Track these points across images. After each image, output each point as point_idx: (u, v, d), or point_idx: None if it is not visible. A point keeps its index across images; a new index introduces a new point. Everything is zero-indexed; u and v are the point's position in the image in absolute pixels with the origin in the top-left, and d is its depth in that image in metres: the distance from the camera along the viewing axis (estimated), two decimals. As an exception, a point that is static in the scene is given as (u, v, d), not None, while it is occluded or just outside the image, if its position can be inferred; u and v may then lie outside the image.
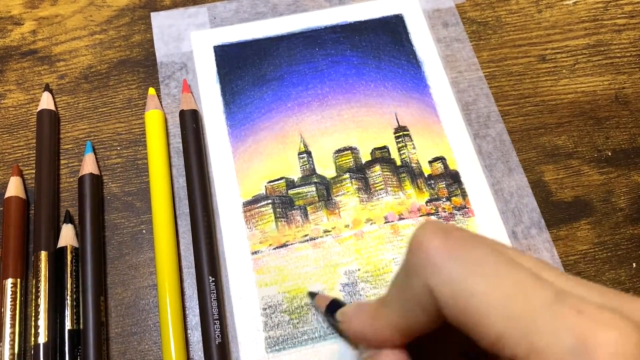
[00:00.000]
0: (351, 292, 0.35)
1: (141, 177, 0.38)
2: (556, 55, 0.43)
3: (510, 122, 0.41)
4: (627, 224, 0.37)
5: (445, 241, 0.19)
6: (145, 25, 0.44)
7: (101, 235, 0.36)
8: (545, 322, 0.17)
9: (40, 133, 0.38)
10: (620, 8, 0.45)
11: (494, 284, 0.18)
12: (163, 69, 0.42)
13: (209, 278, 0.34)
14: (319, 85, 0.41)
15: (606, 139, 0.40)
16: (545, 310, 0.17)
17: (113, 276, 0.35)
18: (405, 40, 0.43)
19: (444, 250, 0.19)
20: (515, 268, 0.18)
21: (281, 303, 0.34)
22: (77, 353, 0.32)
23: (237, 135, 0.39)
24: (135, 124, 0.40)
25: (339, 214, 0.37)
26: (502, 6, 0.45)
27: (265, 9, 0.45)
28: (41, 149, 0.38)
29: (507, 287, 0.18)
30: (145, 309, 0.35)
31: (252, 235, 0.36)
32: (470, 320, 0.18)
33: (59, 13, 0.45)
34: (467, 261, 0.18)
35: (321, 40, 0.43)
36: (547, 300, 0.17)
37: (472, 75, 0.42)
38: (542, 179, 0.39)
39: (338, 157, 0.39)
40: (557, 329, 0.16)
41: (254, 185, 0.38)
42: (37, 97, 0.41)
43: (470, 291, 0.18)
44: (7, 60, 0.43)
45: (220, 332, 0.32)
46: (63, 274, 0.34)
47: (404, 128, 0.40)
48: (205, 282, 0.34)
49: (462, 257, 0.18)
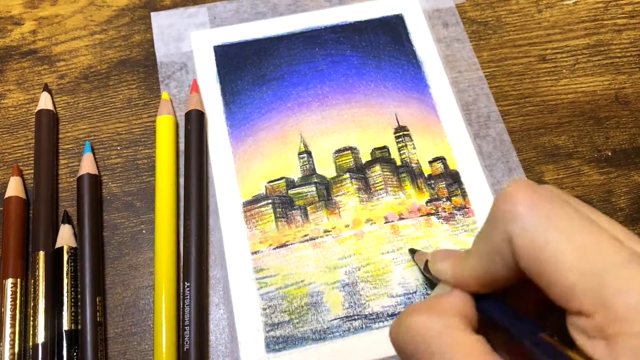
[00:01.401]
0: (351, 292, 0.35)
1: (141, 177, 0.38)
2: (556, 55, 0.43)
3: (511, 122, 0.41)
4: (627, 224, 0.37)
5: (530, 194, 0.20)
6: (145, 25, 0.44)
7: (100, 235, 0.36)
8: (617, 279, 0.17)
9: (39, 133, 0.38)
10: (620, 8, 0.45)
11: (570, 237, 0.19)
12: (163, 69, 0.42)
13: (184, 283, 0.34)
14: (319, 85, 0.41)
15: (606, 139, 0.40)
16: (619, 268, 0.17)
17: (113, 276, 0.35)
18: (405, 40, 0.43)
19: (527, 201, 0.20)
20: (593, 226, 0.19)
21: (281, 303, 0.34)
22: (74, 353, 0.32)
23: (237, 135, 0.39)
24: (135, 124, 0.40)
25: (339, 214, 0.37)
26: (502, 6, 0.45)
27: (265, 9, 0.45)
28: (40, 149, 0.38)
29: (583, 242, 0.18)
30: (145, 309, 0.35)
31: (252, 235, 0.36)
32: (543, 269, 0.19)
33: (59, 13, 0.45)
34: (547, 214, 0.19)
35: (321, 40, 0.43)
36: (621, 259, 0.18)
37: (472, 75, 0.42)
38: (542, 179, 0.39)
39: (338, 157, 0.39)
40: (628, 287, 0.17)
41: (254, 185, 0.38)
42: (37, 97, 0.41)
43: (546, 240, 0.19)
44: (7, 60, 0.43)
45: (191, 339, 0.32)
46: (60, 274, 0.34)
47: (404, 128, 0.40)
48: (180, 287, 0.34)
49: (543, 209, 0.19)
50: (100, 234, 0.36)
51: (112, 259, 0.36)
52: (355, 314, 0.34)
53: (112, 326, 0.34)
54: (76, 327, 0.33)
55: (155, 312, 0.33)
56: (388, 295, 0.34)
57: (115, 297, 0.35)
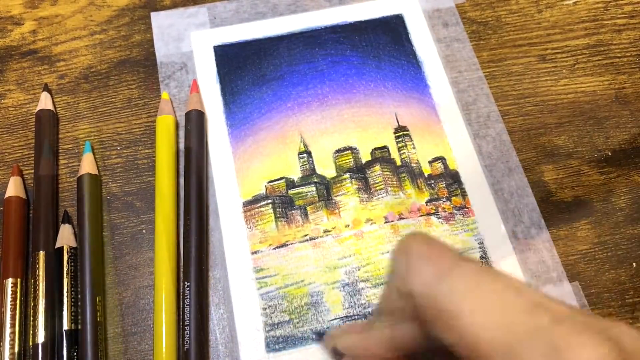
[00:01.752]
0: (351, 292, 0.35)
1: (141, 177, 0.38)
2: (556, 55, 0.43)
3: (510, 122, 0.41)
4: (627, 224, 0.37)
5: (427, 247, 0.19)
6: (145, 25, 0.44)
7: (100, 234, 0.36)
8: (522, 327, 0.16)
9: (39, 133, 0.38)
10: (620, 8, 0.45)
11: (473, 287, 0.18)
12: (163, 69, 0.42)
13: (184, 283, 0.34)
14: (319, 85, 0.41)
15: (606, 139, 0.40)
16: (524, 315, 0.17)
17: (113, 276, 0.35)
18: (405, 40, 0.43)
19: (424, 253, 0.19)
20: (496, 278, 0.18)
21: (281, 303, 0.34)
22: (74, 353, 0.32)
23: (237, 135, 0.39)
24: (135, 124, 0.40)
25: (339, 214, 0.37)
26: (502, 6, 0.45)
27: (265, 9, 0.45)
28: (40, 148, 0.38)
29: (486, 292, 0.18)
30: (145, 308, 0.35)
31: (252, 235, 0.36)
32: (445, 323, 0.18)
33: (59, 13, 0.45)
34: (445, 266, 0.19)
35: (321, 40, 0.43)
36: (527, 307, 0.17)
37: (472, 75, 0.42)
38: (542, 179, 0.39)
39: (338, 157, 0.39)
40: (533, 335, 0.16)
41: (254, 185, 0.38)
42: (37, 97, 0.41)
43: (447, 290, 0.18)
44: (7, 60, 0.43)
45: (192, 338, 0.32)
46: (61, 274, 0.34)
47: (404, 128, 0.40)
48: (180, 286, 0.34)
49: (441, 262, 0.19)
50: (100, 234, 0.36)
51: (112, 259, 0.36)
52: (355, 314, 0.34)
53: (112, 326, 0.34)
54: (76, 327, 0.33)
55: (155, 312, 0.33)
56: (388, 295, 0.34)
57: (115, 297, 0.35)
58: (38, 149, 0.38)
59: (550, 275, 0.35)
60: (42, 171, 0.37)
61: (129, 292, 0.35)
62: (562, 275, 0.35)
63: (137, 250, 0.36)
